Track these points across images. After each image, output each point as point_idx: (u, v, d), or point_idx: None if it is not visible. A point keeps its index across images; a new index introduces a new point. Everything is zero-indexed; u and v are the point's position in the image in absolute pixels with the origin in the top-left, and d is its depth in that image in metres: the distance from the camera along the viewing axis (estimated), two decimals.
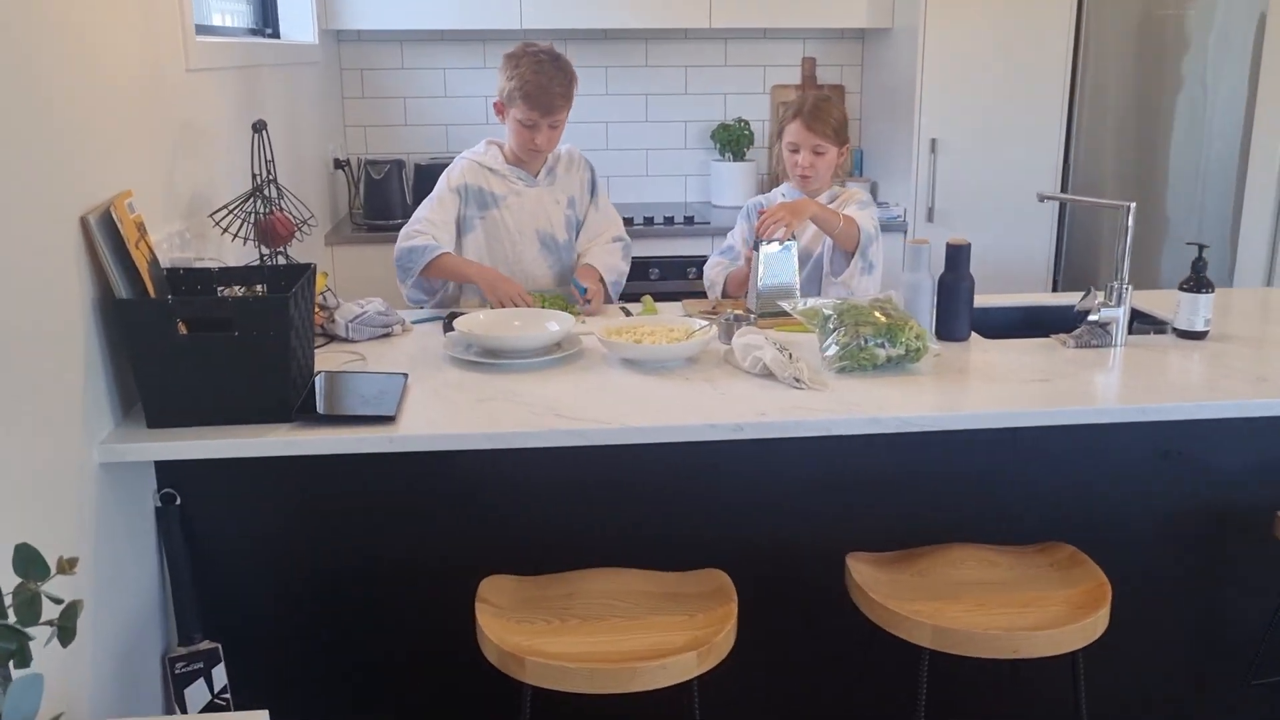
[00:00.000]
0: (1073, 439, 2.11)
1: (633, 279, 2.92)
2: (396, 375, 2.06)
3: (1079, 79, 3.77)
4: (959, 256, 2.31)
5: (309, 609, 2.06)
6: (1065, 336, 2.30)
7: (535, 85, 2.61)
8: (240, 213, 2.20)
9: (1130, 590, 1.97)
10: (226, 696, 1.97)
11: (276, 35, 3.60)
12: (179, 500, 1.94)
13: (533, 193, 2.78)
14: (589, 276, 2.71)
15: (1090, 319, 2.28)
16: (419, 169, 3.90)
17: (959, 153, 3.79)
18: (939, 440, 2.05)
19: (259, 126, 2.21)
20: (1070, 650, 1.75)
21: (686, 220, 3.88)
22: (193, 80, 2.24)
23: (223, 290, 1.99)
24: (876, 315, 2.12)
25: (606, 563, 1.95)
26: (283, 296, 1.79)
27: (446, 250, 2.64)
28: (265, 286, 2.01)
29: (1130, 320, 2.33)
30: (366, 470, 1.97)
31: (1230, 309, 2.62)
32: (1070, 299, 2.65)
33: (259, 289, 2.02)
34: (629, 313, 2.64)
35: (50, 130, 1.59)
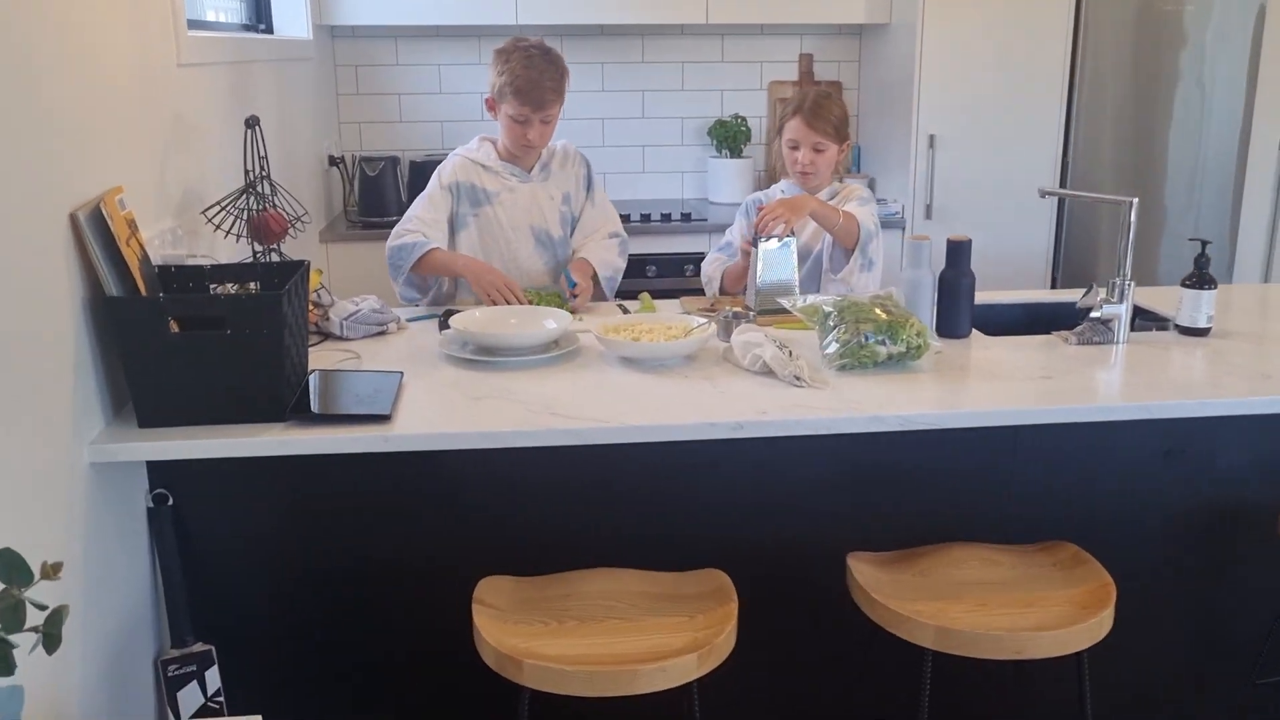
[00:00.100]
0: (1075, 437, 2.09)
1: (629, 276, 2.89)
2: (392, 374, 2.03)
3: (1077, 74, 3.75)
4: (960, 253, 2.29)
5: (304, 610, 2.04)
6: (1067, 333, 2.28)
7: (526, 80, 2.58)
8: (233, 209, 2.17)
9: (1133, 589, 1.95)
10: (220, 699, 1.95)
11: (270, 31, 3.58)
12: (171, 501, 1.91)
13: (526, 189, 2.75)
14: (581, 271, 2.69)
15: (1092, 316, 2.26)
16: (414, 166, 3.87)
17: (957, 149, 3.77)
18: (940, 438, 2.03)
19: (252, 122, 2.18)
20: (1075, 651, 1.73)
21: (683, 217, 3.86)
22: (184, 75, 2.22)
23: (215, 288, 1.96)
24: (877, 312, 2.09)
25: (605, 563, 1.92)
26: (276, 294, 1.77)
27: (436, 246, 2.63)
28: (258, 284, 1.99)
29: (1132, 317, 2.31)
30: (362, 470, 1.95)
31: (1230, 305, 2.61)
32: (1071, 295, 2.63)
33: (252, 287, 1.99)
34: (626, 310, 2.62)
35: (39, 125, 1.56)
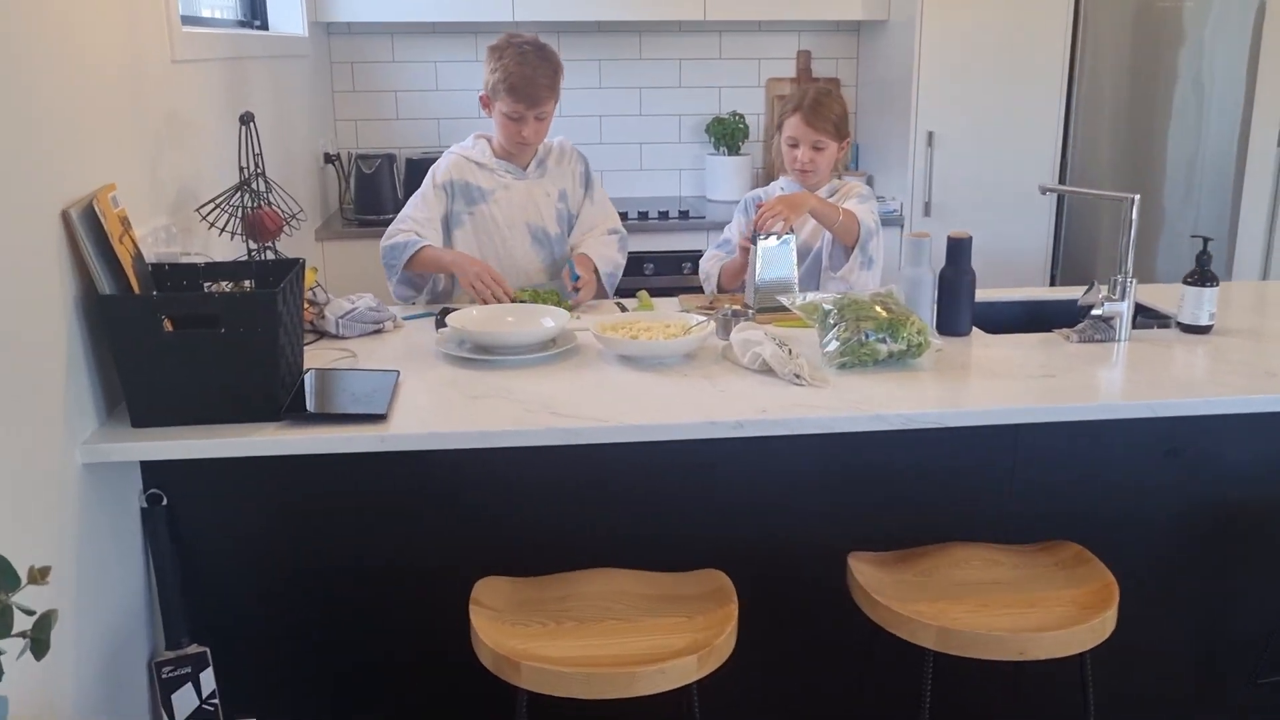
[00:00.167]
0: (1077, 435, 2.07)
1: (627, 274, 2.87)
2: (388, 372, 2.01)
3: (1076, 71, 3.73)
4: (960, 250, 2.28)
5: (300, 611, 2.02)
6: (1068, 331, 2.27)
7: (519, 77, 2.56)
8: (228, 207, 2.14)
9: (1136, 588, 1.93)
10: (215, 702, 1.93)
11: (265, 27, 3.55)
12: (166, 501, 1.89)
13: (522, 186, 2.73)
14: (583, 265, 2.67)
15: (1094, 313, 2.24)
16: (410, 163, 3.85)
17: (956, 146, 3.76)
18: (941, 437, 2.01)
19: (246, 119, 2.16)
20: (1078, 652, 1.72)
21: (681, 215, 3.84)
22: (178, 72, 2.20)
23: (209, 286, 1.94)
24: (878, 310, 2.08)
25: (603, 563, 1.91)
26: (270, 292, 1.75)
27: (427, 243, 2.62)
28: (253, 282, 1.97)
29: (1133, 314, 2.29)
30: (358, 470, 1.93)
31: (1230, 302, 2.59)
32: (1071, 293, 2.61)
33: (247, 285, 1.97)
34: (624, 308, 2.60)
35: (31, 122, 1.54)
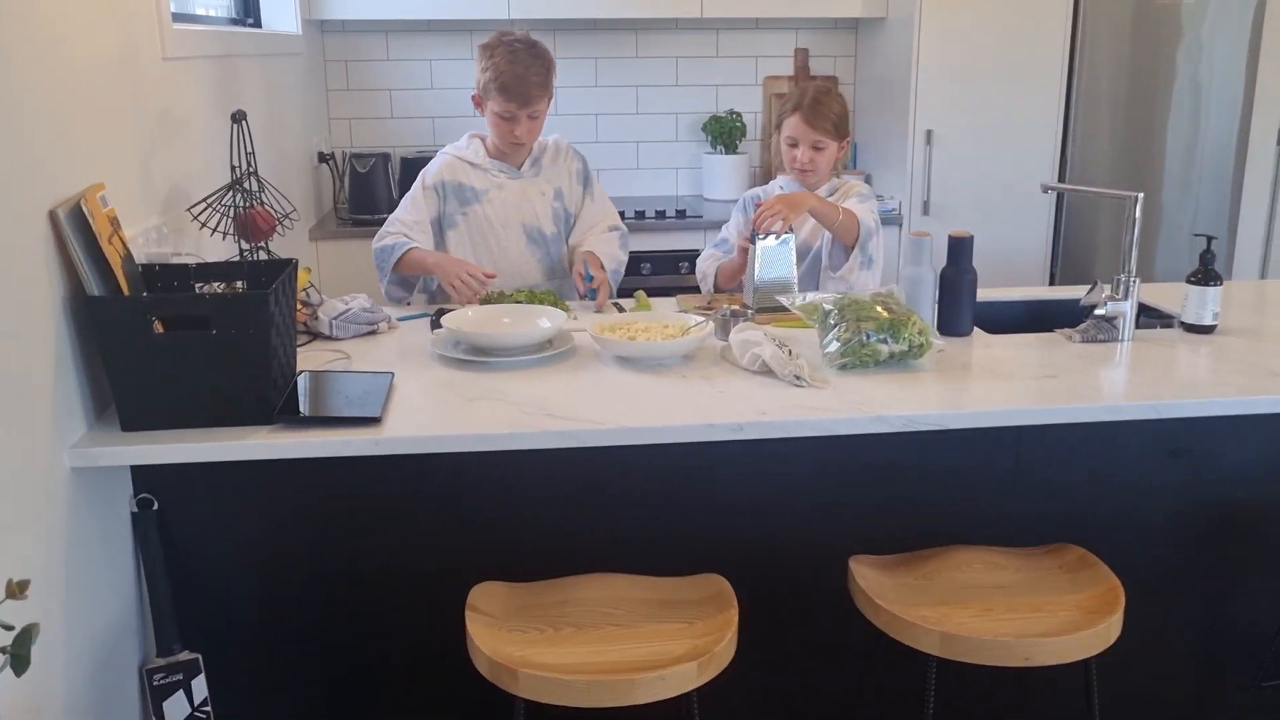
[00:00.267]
0: (1080, 437, 2.05)
1: (624, 273, 2.84)
2: (382, 374, 1.98)
3: (1076, 69, 3.71)
4: (961, 249, 2.25)
5: (293, 617, 1.99)
6: (1071, 331, 2.24)
7: (511, 76, 2.53)
8: (219, 206, 2.12)
9: (1139, 590, 1.90)
10: (207, 709, 1.90)
11: (259, 25, 3.52)
12: (156, 505, 1.86)
13: (516, 185, 2.70)
14: (593, 264, 2.62)
15: (1096, 313, 2.22)
16: (405, 162, 3.82)
17: (955, 145, 3.73)
18: (943, 438, 1.98)
19: (238, 117, 2.13)
20: (1084, 658, 1.69)
21: (678, 214, 3.81)
22: (169, 69, 2.17)
23: (201, 287, 1.91)
24: (878, 310, 2.05)
25: (601, 568, 1.88)
26: (262, 293, 1.72)
27: (414, 245, 2.61)
28: (245, 283, 1.94)
29: (1136, 314, 2.27)
30: (352, 473, 1.90)
31: (1231, 301, 2.56)
32: (1072, 292, 2.59)
33: (239, 286, 1.94)
34: (622, 308, 2.57)
35: (17, 120, 1.51)
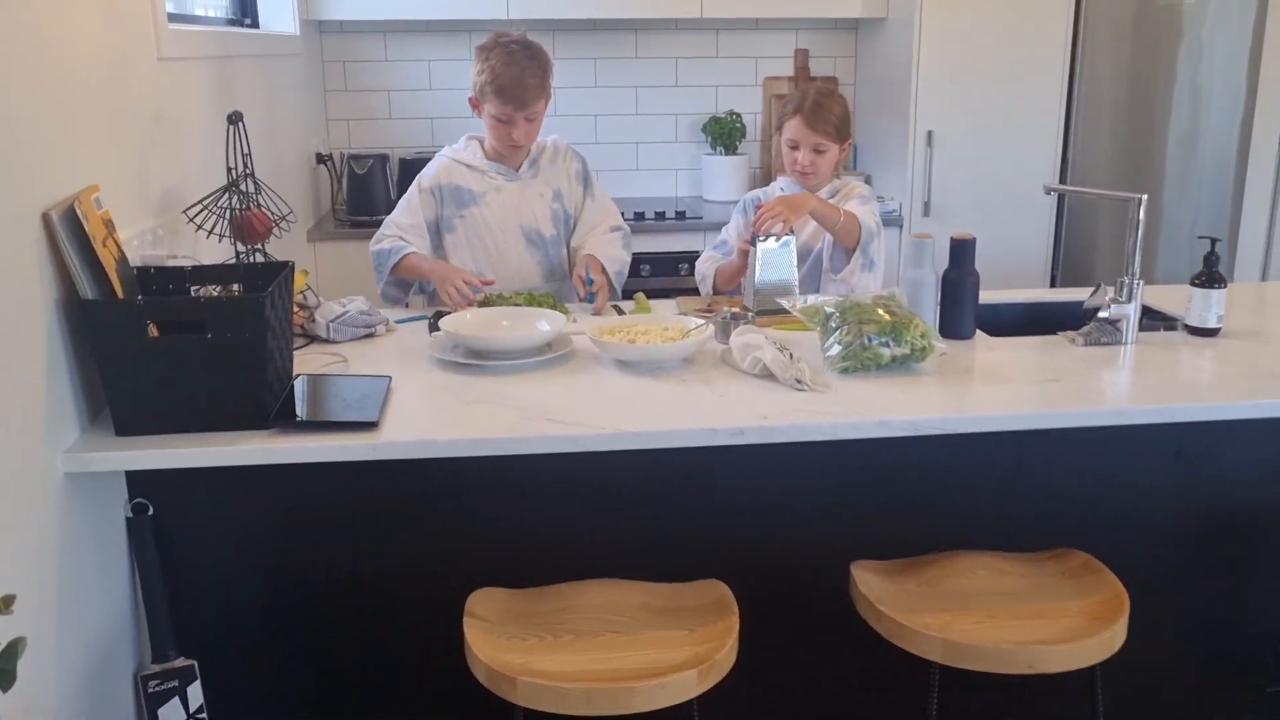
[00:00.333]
0: (1084, 441, 2.03)
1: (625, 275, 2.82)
2: (380, 378, 1.96)
3: (1077, 70, 3.69)
4: (963, 252, 2.23)
5: (289, 623, 1.97)
6: (1074, 334, 2.22)
7: (507, 78, 2.50)
8: (215, 208, 2.10)
9: (1144, 596, 1.89)
10: (203, 717, 1.88)
11: (256, 25, 3.50)
12: (151, 510, 1.84)
13: (514, 187, 2.68)
14: (593, 268, 2.59)
15: (1100, 316, 2.20)
16: (403, 163, 3.81)
17: (956, 146, 3.71)
18: (945, 442, 1.96)
19: (235, 118, 2.11)
20: (1089, 665, 1.67)
21: (678, 215, 3.79)
22: (165, 70, 2.15)
23: (196, 290, 1.89)
24: (880, 313, 2.03)
25: (601, 573, 1.86)
26: (257, 296, 1.70)
27: (411, 251, 2.60)
28: (241, 286, 1.92)
29: (1139, 317, 2.25)
30: (349, 478, 1.88)
31: (1233, 304, 2.54)
32: (1074, 294, 2.58)
33: (235, 288, 1.92)
34: (622, 311, 2.55)
35: (10, 121, 1.49)
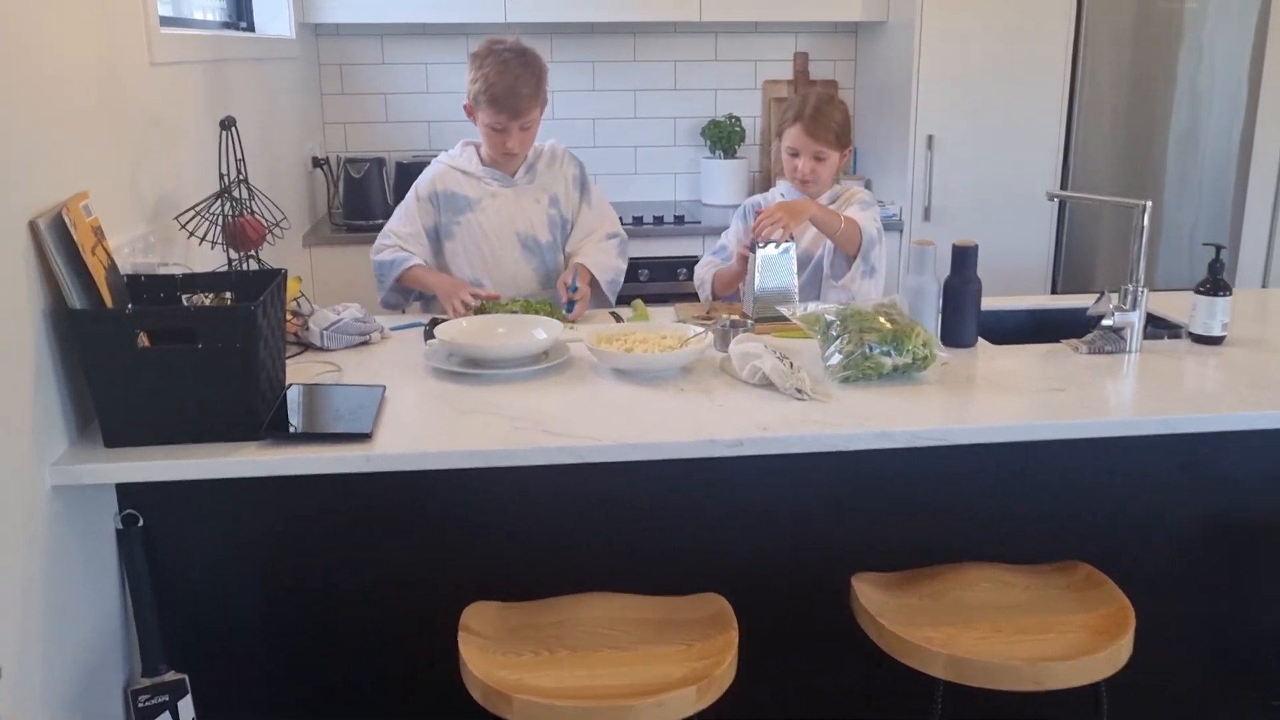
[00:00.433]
0: (1088, 451, 2.00)
1: (623, 280, 2.79)
2: (374, 388, 1.94)
3: (1078, 74, 3.67)
4: (965, 259, 2.21)
5: (282, 637, 1.94)
6: (1077, 342, 2.20)
7: (501, 87, 2.47)
8: (208, 215, 2.07)
9: (1148, 607, 1.86)
10: None
11: (252, 29, 3.48)
12: (142, 522, 1.82)
13: (510, 193, 2.66)
14: (580, 276, 2.57)
15: (1104, 324, 2.17)
16: (400, 167, 3.78)
17: (956, 150, 3.69)
18: (947, 453, 1.93)
19: (227, 123, 2.08)
20: (1094, 681, 1.64)
21: (676, 220, 3.77)
22: (157, 74, 2.12)
23: (188, 298, 1.87)
24: (881, 321, 2.00)
25: (598, 586, 1.83)
26: (249, 306, 1.67)
27: (415, 263, 2.60)
28: (234, 294, 1.89)
29: (1143, 324, 2.22)
30: (343, 490, 1.85)
31: (1235, 311, 2.50)
32: (1076, 301, 2.55)
33: (227, 297, 1.90)
34: (619, 318, 2.52)
35: None
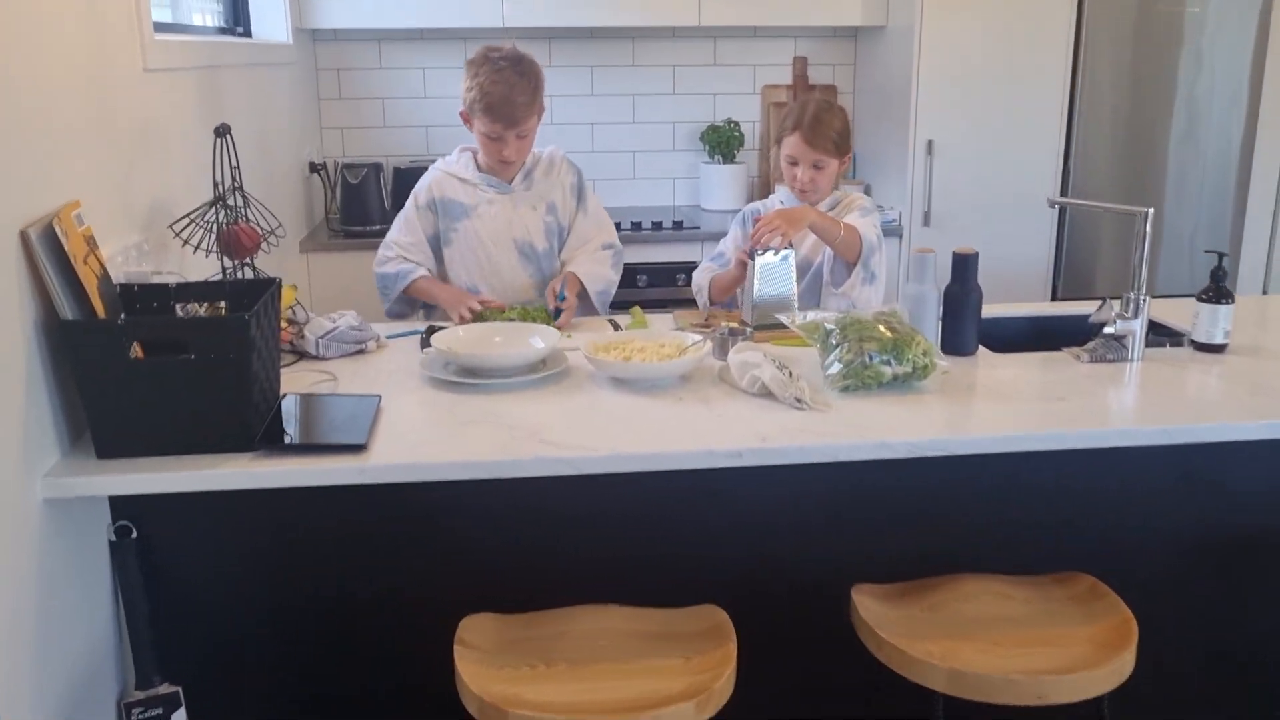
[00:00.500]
0: (1090, 461, 1.98)
1: (620, 286, 2.78)
2: (369, 397, 1.92)
3: (1078, 78, 3.65)
4: (966, 267, 2.19)
5: (277, 649, 1.93)
6: (1079, 350, 2.18)
7: (497, 96, 2.45)
8: (202, 223, 2.06)
9: (1152, 621, 1.84)
10: None
11: (248, 34, 3.46)
12: (135, 533, 1.80)
13: (506, 200, 2.64)
14: (569, 286, 2.56)
15: (1105, 332, 2.16)
16: (398, 172, 3.77)
17: (956, 155, 3.67)
18: (949, 464, 1.91)
19: (222, 130, 2.07)
20: (1097, 695, 1.63)
21: (675, 225, 3.75)
22: (151, 81, 2.10)
23: (182, 308, 1.85)
24: (881, 330, 1.99)
25: (595, 598, 1.81)
26: (242, 316, 1.65)
27: (421, 275, 2.59)
28: (228, 303, 1.88)
29: (1145, 332, 2.20)
30: (338, 501, 1.83)
31: (1237, 318, 2.48)
32: (1077, 308, 2.53)
33: (221, 306, 1.88)
34: (617, 325, 2.51)
35: None
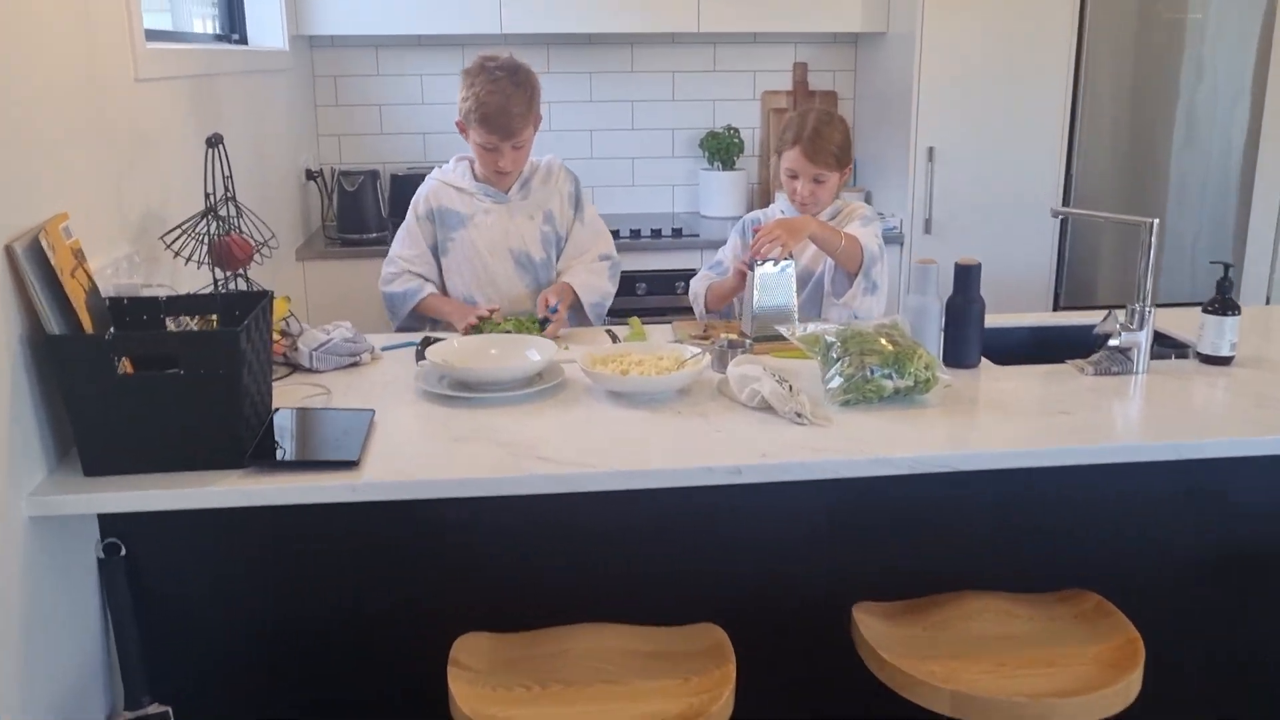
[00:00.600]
0: (1094, 476, 1.95)
1: (619, 294, 2.75)
2: (362, 412, 1.89)
3: (1080, 85, 3.62)
4: (969, 278, 2.16)
5: (268, 668, 1.90)
6: (1083, 363, 2.15)
7: (492, 107, 2.43)
8: (194, 234, 2.02)
9: (1156, 636, 1.81)
10: None
11: (244, 41, 3.43)
12: (124, 551, 1.77)
13: (503, 209, 2.61)
14: (564, 298, 2.52)
15: (1110, 344, 2.13)
16: (395, 179, 3.74)
17: (957, 162, 3.64)
18: (951, 480, 1.88)
19: (214, 140, 2.04)
20: (1103, 718, 1.60)
21: (674, 232, 3.72)
22: (143, 90, 2.08)
23: (173, 321, 1.82)
24: (882, 343, 1.96)
25: (592, 616, 1.78)
26: (233, 330, 1.62)
27: (429, 292, 2.58)
28: (219, 316, 1.85)
29: (1150, 344, 2.17)
30: (330, 518, 1.80)
31: (1242, 329, 2.45)
32: (1081, 318, 2.51)
33: (213, 319, 1.85)
34: (616, 337, 2.47)
35: None
